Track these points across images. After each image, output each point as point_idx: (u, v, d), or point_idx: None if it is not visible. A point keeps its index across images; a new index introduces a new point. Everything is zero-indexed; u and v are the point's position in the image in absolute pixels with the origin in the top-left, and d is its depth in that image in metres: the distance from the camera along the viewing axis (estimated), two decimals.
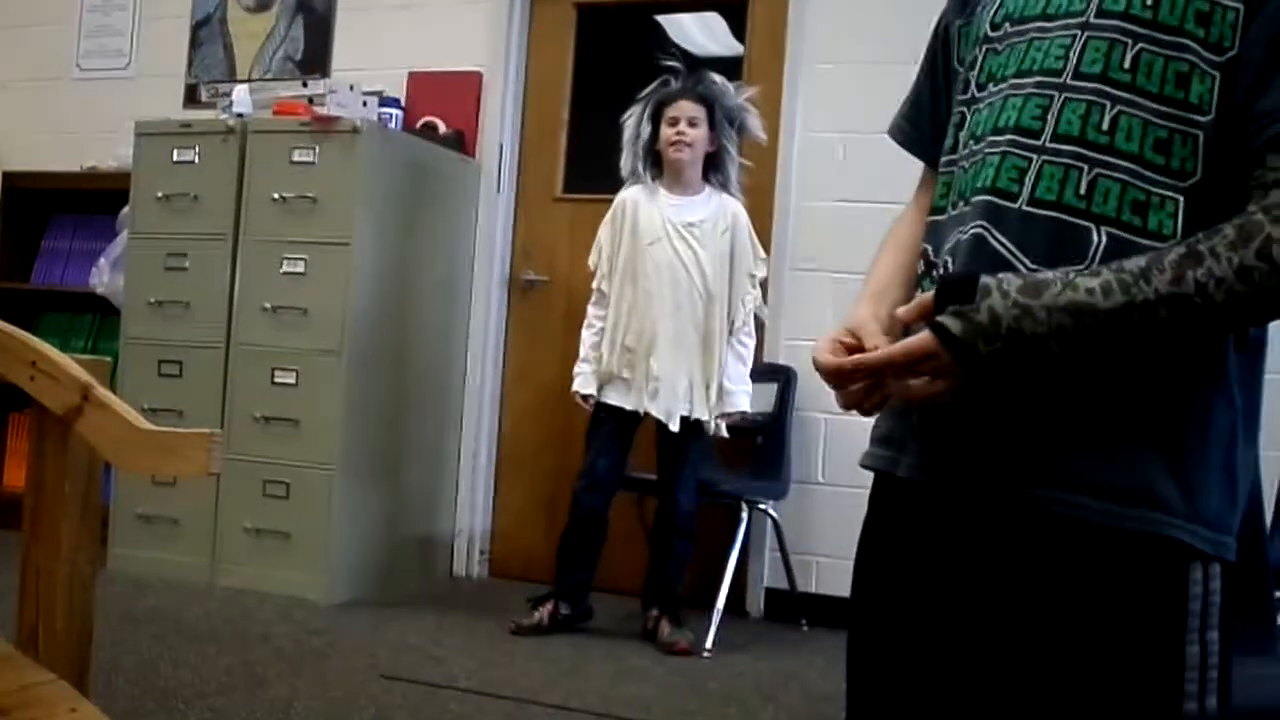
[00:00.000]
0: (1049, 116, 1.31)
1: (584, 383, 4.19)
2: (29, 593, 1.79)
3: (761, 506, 4.46)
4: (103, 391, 1.69)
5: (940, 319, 1.26)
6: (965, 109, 1.43)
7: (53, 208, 5.72)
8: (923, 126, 1.59)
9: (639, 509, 4.59)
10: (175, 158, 4.70)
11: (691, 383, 4.10)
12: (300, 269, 4.48)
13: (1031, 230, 1.30)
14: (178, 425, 4.30)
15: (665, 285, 4.11)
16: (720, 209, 4.17)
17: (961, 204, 1.38)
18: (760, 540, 4.65)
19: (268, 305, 4.50)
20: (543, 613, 4.15)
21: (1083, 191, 1.28)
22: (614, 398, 4.14)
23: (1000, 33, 1.41)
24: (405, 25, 5.30)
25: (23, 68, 5.96)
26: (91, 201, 5.51)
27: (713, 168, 4.21)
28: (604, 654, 3.99)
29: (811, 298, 4.65)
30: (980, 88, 1.41)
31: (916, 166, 1.65)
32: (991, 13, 1.43)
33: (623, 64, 5.25)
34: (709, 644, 4.08)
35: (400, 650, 3.85)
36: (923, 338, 1.28)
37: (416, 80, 5.25)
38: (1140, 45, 1.29)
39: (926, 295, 1.30)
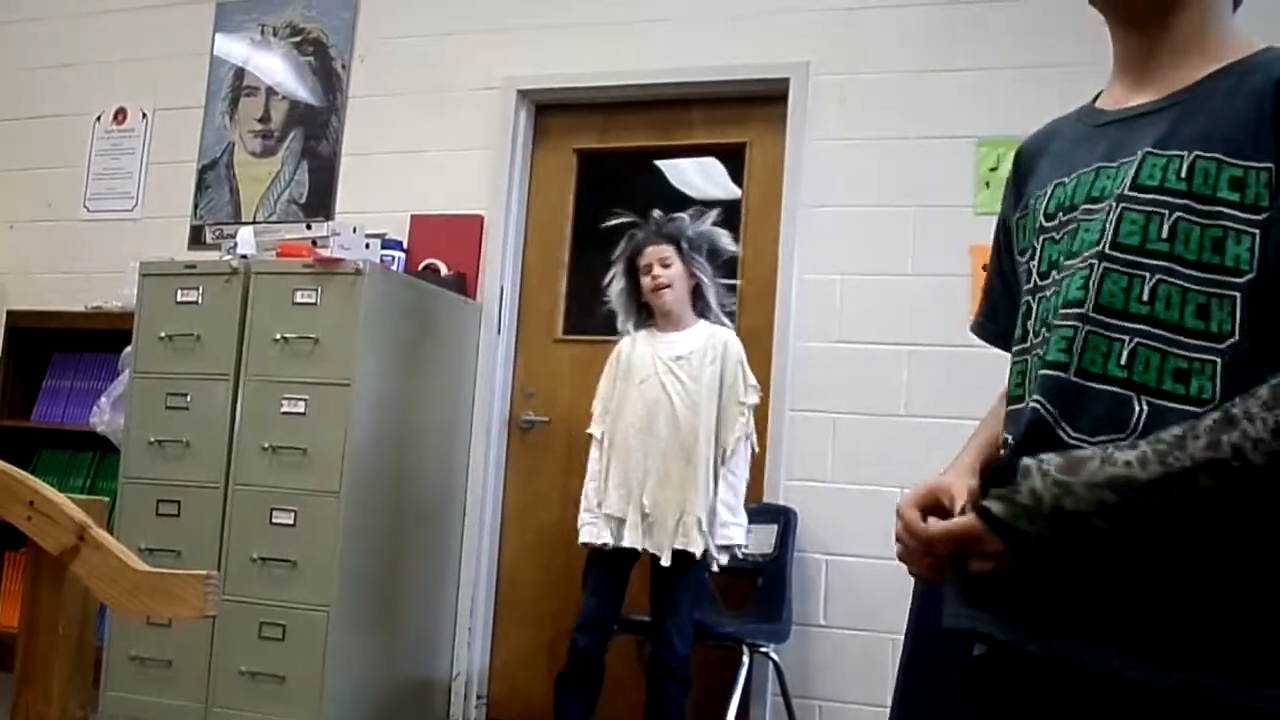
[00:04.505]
0: (1090, 287, 1.34)
1: (589, 534, 4.13)
2: None
3: (763, 649, 4.40)
4: (99, 532, 1.68)
5: (984, 502, 1.29)
6: (1031, 298, 1.46)
7: (55, 346, 5.74)
8: (999, 320, 1.64)
9: (639, 652, 4.54)
10: (179, 298, 4.73)
11: (683, 515, 4.05)
12: (300, 409, 4.49)
13: (1076, 401, 1.32)
14: (175, 566, 4.26)
15: (653, 420, 4.10)
16: (710, 339, 4.18)
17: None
18: (762, 684, 4.58)
19: (267, 445, 4.50)
20: None
21: (1124, 361, 1.30)
22: (608, 538, 4.11)
23: (1055, 222, 1.44)
24: (408, 169, 5.39)
25: (31, 208, 6.04)
26: (94, 340, 5.54)
27: (699, 298, 4.24)
28: None
29: (811, 438, 4.65)
30: (1043, 276, 1.44)
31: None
32: (1045, 204, 1.47)
33: (623, 208, 5.32)
34: None
35: None
36: (967, 520, 1.32)
37: (419, 223, 5.31)
38: (1177, 215, 1.31)
39: (973, 482, 1.35)
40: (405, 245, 5.21)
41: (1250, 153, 1.30)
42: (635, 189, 5.37)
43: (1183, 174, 1.32)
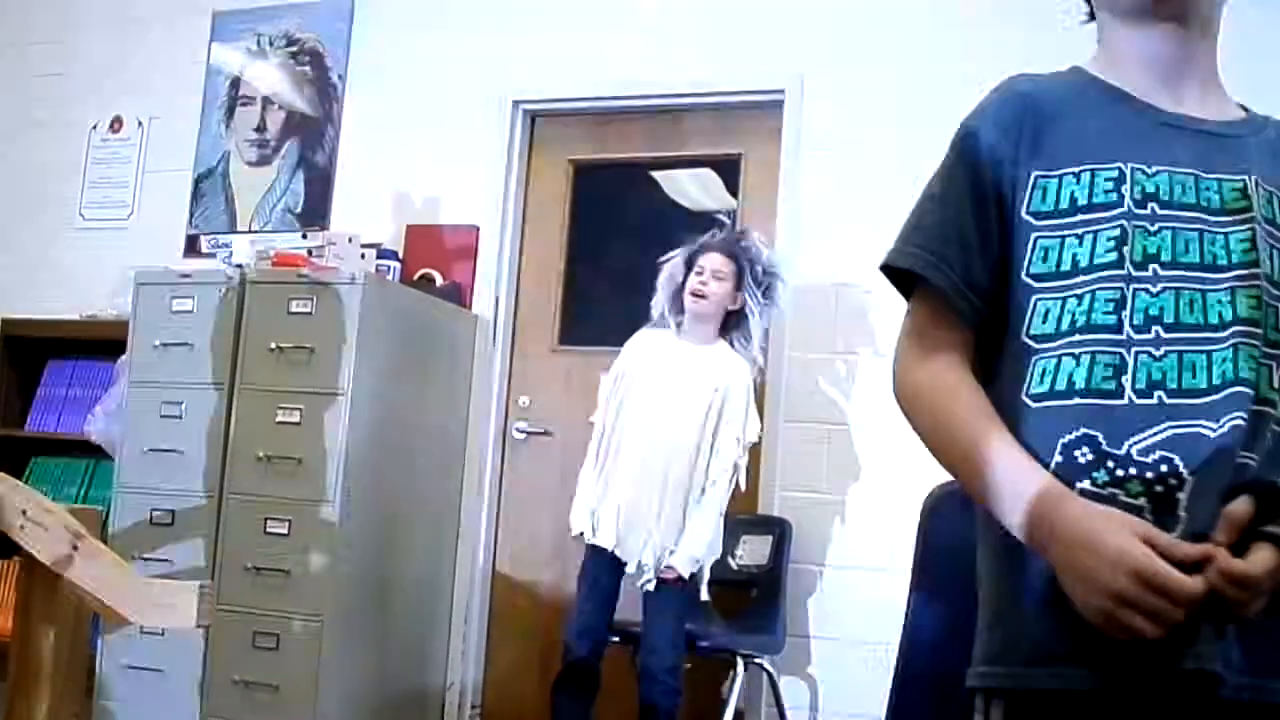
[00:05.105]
0: (1263, 307, 1.34)
1: (576, 520, 4.15)
2: None
3: (757, 661, 4.39)
4: (93, 541, 1.68)
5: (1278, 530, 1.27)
6: (1124, 286, 1.34)
7: (50, 354, 5.73)
8: (963, 270, 1.45)
9: (631, 661, 4.53)
10: (174, 307, 4.72)
11: (649, 530, 4.03)
12: (295, 419, 4.48)
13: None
14: (168, 575, 4.26)
15: (641, 427, 4.08)
16: (722, 366, 4.12)
17: (1161, 393, 1.31)
18: (755, 696, 4.57)
19: (262, 454, 4.49)
20: None
21: (1277, 385, 1.33)
22: (593, 537, 4.10)
23: (1148, 211, 1.36)
24: (404, 180, 5.39)
25: (26, 216, 6.03)
26: (89, 349, 5.53)
27: (733, 325, 4.20)
28: None
29: (806, 450, 4.65)
30: (1139, 266, 1.35)
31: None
32: (1127, 187, 1.37)
33: (619, 219, 5.32)
34: None
35: None
36: (1271, 555, 1.25)
37: (414, 233, 5.31)
38: None
39: (1238, 510, 1.26)
40: (401, 255, 5.21)
41: None
42: (631, 200, 5.38)
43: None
